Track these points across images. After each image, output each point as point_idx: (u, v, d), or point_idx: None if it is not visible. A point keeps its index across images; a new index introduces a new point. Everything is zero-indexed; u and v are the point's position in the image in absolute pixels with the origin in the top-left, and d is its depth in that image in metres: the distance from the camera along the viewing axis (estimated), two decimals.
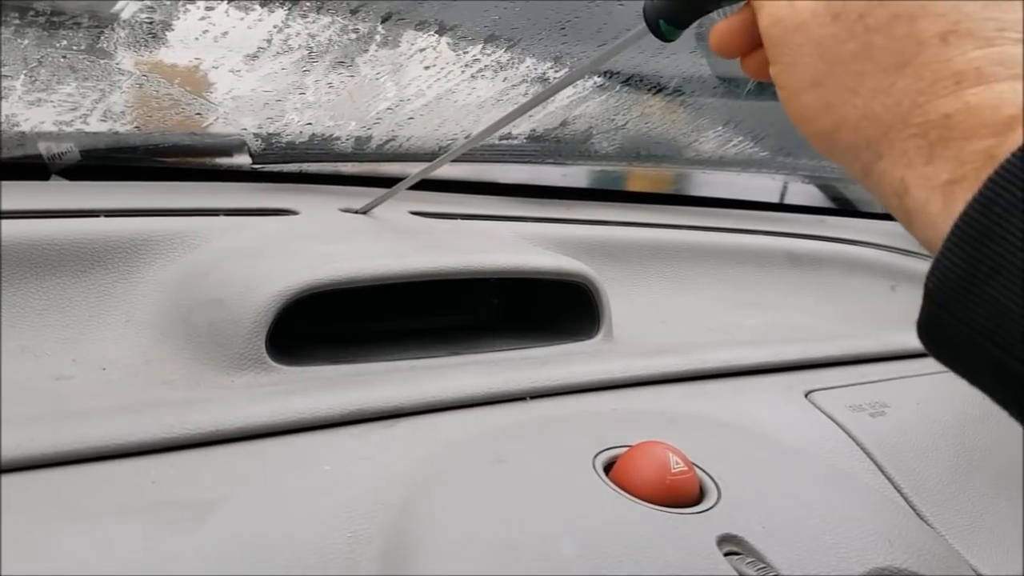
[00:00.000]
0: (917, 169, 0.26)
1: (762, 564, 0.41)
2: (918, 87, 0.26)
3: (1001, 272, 0.23)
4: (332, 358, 0.55)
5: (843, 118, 0.28)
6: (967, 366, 0.26)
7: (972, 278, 0.24)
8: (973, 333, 0.24)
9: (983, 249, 0.23)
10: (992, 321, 0.23)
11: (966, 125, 0.25)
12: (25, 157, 0.67)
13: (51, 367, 0.50)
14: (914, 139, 0.26)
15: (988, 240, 0.23)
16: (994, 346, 0.24)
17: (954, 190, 0.25)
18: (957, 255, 0.24)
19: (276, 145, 0.78)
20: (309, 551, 0.38)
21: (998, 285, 0.23)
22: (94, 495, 0.39)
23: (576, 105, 0.89)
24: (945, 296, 0.25)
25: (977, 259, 0.24)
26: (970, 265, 0.24)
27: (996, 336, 0.24)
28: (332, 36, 0.74)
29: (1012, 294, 0.23)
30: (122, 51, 0.68)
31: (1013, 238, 0.23)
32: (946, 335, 0.25)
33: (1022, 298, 0.23)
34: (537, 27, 0.81)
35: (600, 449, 0.47)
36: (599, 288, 0.64)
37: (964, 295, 0.24)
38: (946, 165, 0.25)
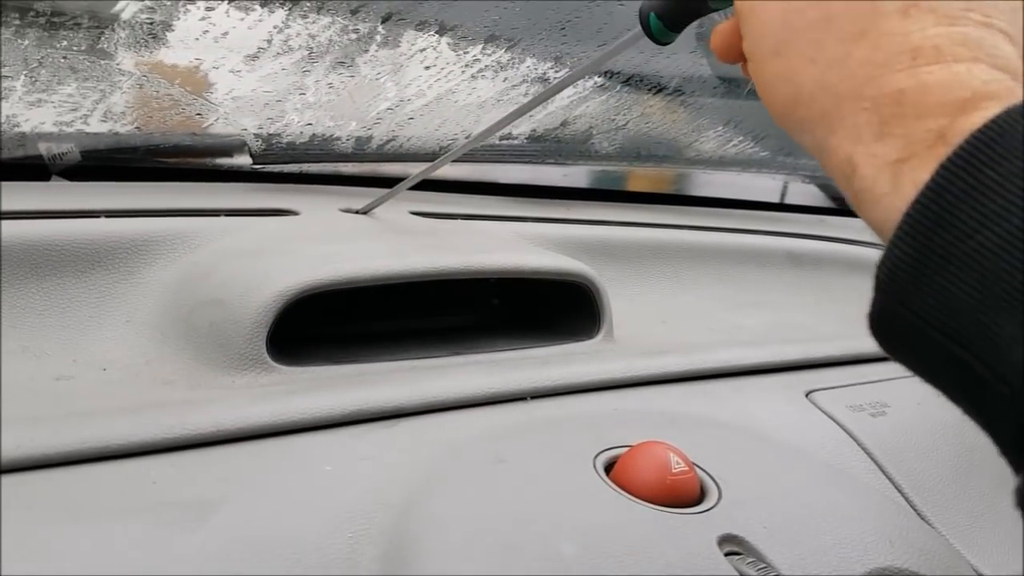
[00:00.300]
0: (867, 146, 0.25)
1: (763, 564, 0.41)
2: (874, 59, 0.26)
3: (952, 262, 0.23)
4: (333, 358, 0.55)
5: (800, 89, 0.27)
6: (919, 359, 0.25)
7: (923, 268, 0.23)
8: (925, 325, 0.24)
9: (934, 238, 0.23)
10: (943, 312, 0.23)
11: (919, 103, 0.25)
12: (26, 158, 0.67)
13: (52, 367, 0.50)
14: (866, 113, 0.26)
15: (939, 229, 0.23)
16: (946, 338, 0.23)
17: (902, 169, 0.24)
18: (908, 244, 0.24)
19: (276, 145, 0.78)
20: (310, 551, 0.38)
21: (949, 275, 0.23)
22: (95, 495, 0.39)
23: (576, 105, 0.89)
24: (896, 287, 0.24)
25: (929, 248, 0.23)
26: (921, 255, 0.23)
27: (947, 328, 0.23)
28: (332, 36, 0.74)
29: (964, 284, 0.22)
30: (122, 52, 0.68)
31: (964, 226, 0.22)
32: (898, 327, 0.25)
33: (973, 288, 0.22)
34: (537, 27, 0.81)
35: (601, 449, 0.47)
36: (600, 288, 0.64)
37: (915, 286, 0.24)
38: (896, 143, 0.25)
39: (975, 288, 0.22)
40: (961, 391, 0.24)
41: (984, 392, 0.23)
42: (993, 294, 0.22)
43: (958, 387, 0.24)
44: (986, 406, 0.23)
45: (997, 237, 0.22)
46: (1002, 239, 0.22)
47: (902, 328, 0.24)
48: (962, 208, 0.23)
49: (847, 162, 0.26)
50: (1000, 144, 0.23)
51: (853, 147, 0.26)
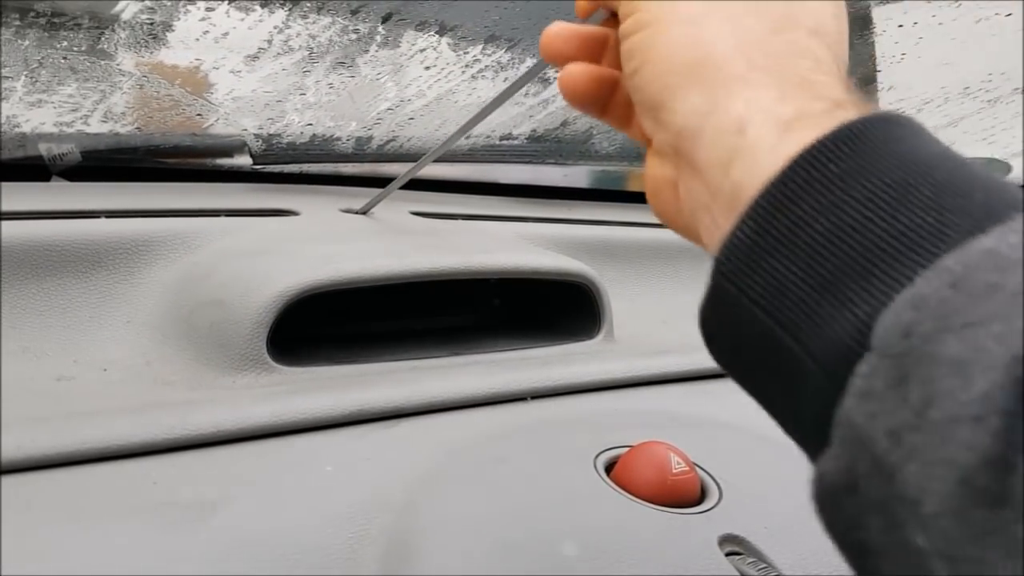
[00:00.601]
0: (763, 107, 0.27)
1: (763, 564, 0.41)
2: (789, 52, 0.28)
3: (786, 245, 0.24)
4: (333, 358, 0.55)
5: (710, 55, 0.28)
6: (738, 345, 0.27)
7: (759, 250, 0.25)
8: (752, 304, 0.25)
9: (773, 223, 0.24)
10: (770, 292, 0.24)
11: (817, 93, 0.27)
12: (26, 158, 0.67)
13: (52, 368, 0.50)
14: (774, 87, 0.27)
15: (779, 215, 0.24)
16: (769, 317, 0.24)
17: (791, 126, 0.26)
18: (749, 227, 0.25)
19: (277, 146, 0.78)
20: (310, 551, 0.38)
21: (781, 258, 0.24)
22: (95, 496, 0.39)
23: None
24: (731, 266, 0.25)
25: (766, 232, 0.25)
26: (759, 237, 0.25)
27: (771, 307, 0.24)
28: (333, 37, 0.74)
29: (793, 267, 0.24)
30: (123, 52, 0.68)
31: (802, 214, 0.24)
32: (725, 308, 0.26)
33: (801, 271, 0.24)
34: (537, 27, 0.80)
35: (601, 449, 0.47)
36: (600, 288, 0.64)
37: (749, 266, 0.25)
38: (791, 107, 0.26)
39: (803, 271, 0.24)
40: (772, 376, 0.26)
41: (794, 373, 0.24)
42: (818, 277, 0.23)
43: (770, 371, 0.26)
44: (794, 389, 0.25)
45: (830, 225, 0.23)
46: (834, 226, 0.23)
47: (728, 309, 0.26)
48: (802, 197, 0.24)
49: (738, 120, 0.27)
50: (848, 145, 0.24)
51: (748, 107, 0.27)
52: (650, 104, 0.30)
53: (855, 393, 0.22)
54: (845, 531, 0.23)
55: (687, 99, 0.29)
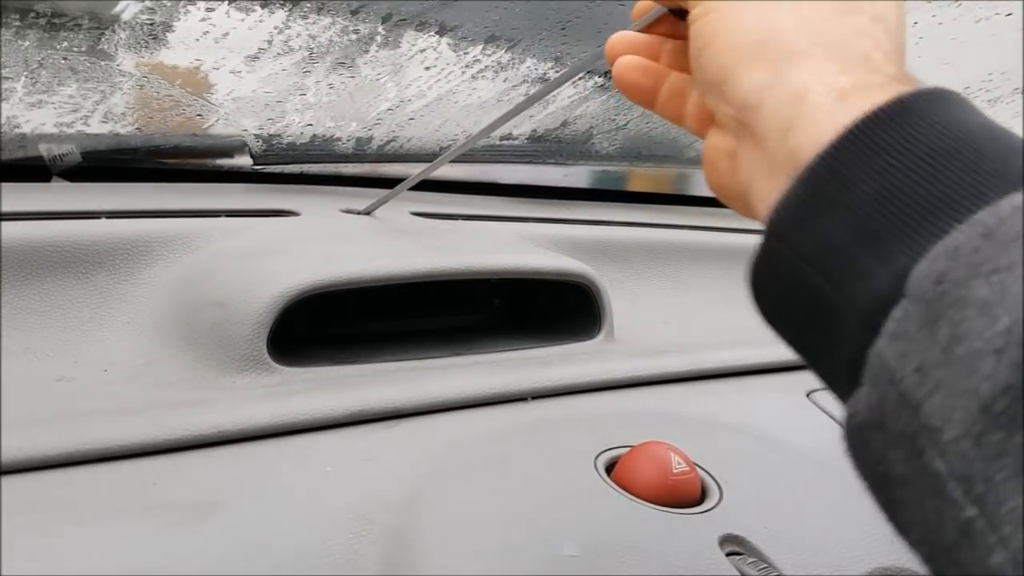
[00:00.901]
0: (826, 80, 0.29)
1: (764, 564, 0.41)
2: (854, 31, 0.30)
3: (836, 207, 0.26)
4: (334, 359, 0.55)
5: (776, 32, 0.30)
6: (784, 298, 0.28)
7: (809, 210, 0.27)
8: (799, 260, 0.27)
9: (824, 186, 0.26)
10: (818, 249, 0.26)
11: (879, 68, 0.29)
12: (26, 159, 0.67)
13: (53, 368, 0.50)
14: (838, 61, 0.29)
15: (831, 179, 0.26)
16: (815, 271, 0.26)
17: (849, 95, 0.28)
18: (802, 188, 0.27)
19: (277, 146, 0.78)
20: (311, 552, 0.38)
21: (829, 218, 0.26)
22: (96, 497, 0.39)
23: (577, 105, 0.89)
24: (781, 226, 0.27)
25: (817, 194, 0.27)
26: (810, 198, 0.27)
27: (818, 262, 0.26)
28: (333, 37, 0.74)
29: (841, 226, 0.26)
30: (123, 52, 0.68)
31: (852, 176, 0.26)
32: (772, 265, 0.28)
33: (848, 229, 0.25)
34: (537, 27, 0.81)
35: (602, 449, 0.47)
36: (600, 288, 0.64)
37: (798, 225, 0.27)
38: (851, 79, 0.28)
39: (851, 230, 0.25)
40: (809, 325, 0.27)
41: (834, 323, 0.26)
42: (863, 234, 0.25)
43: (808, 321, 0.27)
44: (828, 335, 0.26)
45: (878, 187, 0.25)
46: (882, 188, 0.25)
47: (776, 266, 0.28)
48: (854, 162, 0.26)
49: (800, 91, 0.29)
50: (899, 116, 0.26)
51: (811, 79, 0.29)
52: (716, 79, 0.32)
53: (888, 335, 0.23)
54: (872, 465, 0.25)
55: (751, 73, 0.30)
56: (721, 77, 0.32)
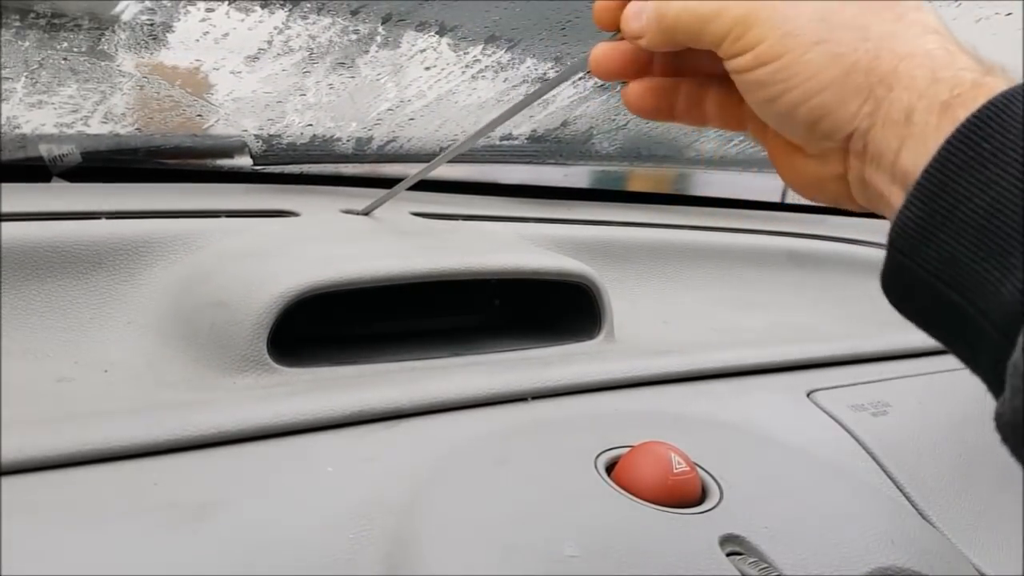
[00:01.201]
0: (922, 92, 0.30)
1: (764, 564, 0.41)
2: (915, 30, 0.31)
3: (953, 221, 0.27)
4: (334, 359, 0.55)
5: (854, 63, 0.31)
6: (921, 307, 0.30)
7: (928, 226, 0.28)
8: (927, 275, 0.28)
9: (938, 201, 0.27)
10: (944, 263, 0.28)
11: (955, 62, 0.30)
12: (26, 159, 0.67)
13: (53, 369, 0.50)
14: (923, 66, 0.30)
15: (943, 194, 0.27)
16: (945, 285, 0.28)
17: (948, 106, 0.29)
18: (916, 207, 0.28)
19: (277, 146, 0.78)
20: (312, 552, 0.38)
21: (950, 232, 0.27)
22: (96, 497, 0.39)
23: (577, 105, 0.89)
24: (904, 242, 0.29)
25: (933, 210, 0.28)
26: (927, 215, 0.28)
27: (946, 276, 0.28)
28: (333, 37, 0.74)
29: (962, 240, 0.27)
30: (123, 53, 0.68)
31: (964, 191, 0.27)
32: (904, 279, 0.29)
33: (970, 243, 0.27)
34: (537, 27, 0.80)
35: (602, 449, 0.47)
36: (600, 288, 0.64)
37: (921, 241, 0.28)
38: (945, 86, 0.29)
39: (971, 243, 0.27)
40: (953, 333, 0.29)
41: (972, 331, 0.27)
42: (985, 248, 0.26)
43: (951, 329, 0.29)
44: (972, 343, 0.28)
45: (992, 200, 0.26)
46: (995, 201, 0.26)
47: (908, 280, 0.29)
48: (963, 176, 0.27)
49: (905, 110, 0.30)
50: (996, 121, 0.27)
51: (911, 96, 0.30)
52: (807, 120, 0.33)
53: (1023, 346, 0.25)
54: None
55: (848, 106, 0.31)
56: (814, 117, 0.32)
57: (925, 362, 0.70)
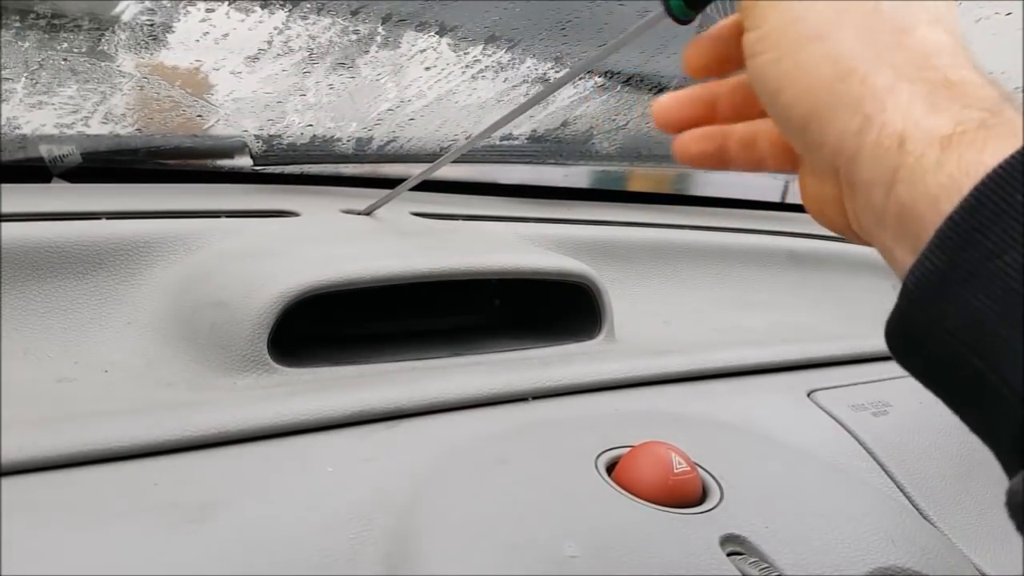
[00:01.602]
0: (918, 120, 0.27)
1: (765, 564, 0.41)
2: (924, 50, 0.28)
3: (978, 277, 0.24)
4: (334, 359, 0.55)
5: (851, 69, 0.28)
6: (930, 365, 0.27)
7: (950, 281, 0.25)
8: (944, 333, 0.25)
9: (962, 254, 0.25)
10: (964, 323, 0.25)
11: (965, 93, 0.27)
12: (27, 160, 0.67)
13: (53, 369, 0.50)
14: (922, 92, 0.27)
15: (968, 246, 0.24)
16: (964, 347, 0.25)
17: (950, 143, 0.26)
18: (938, 257, 0.25)
19: (277, 147, 0.78)
20: (312, 552, 0.38)
21: (973, 290, 0.24)
22: (96, 497, 0.39)
23: (577, 105, 0.89)
24: (922, 294, 0.26)
25: (956, 264, 0.25)
26: (949, 268, 0.25)
27: (967, 337, 0.25)
28: (333, 37, 0.74)
29: (986, 299, 0.24)
30: (123, 53, 0.68)
31: (991, 245, 0.24)
32: (916, 333, 0.26)
33: (995, 303, 0.24)
34: (538, 27, 0.81)
35: (602, 449, 0.47)
36: (601, 288, 0.64)
37: (941, 296, 0.25)
38: (947, 118, 0.27)
39: (996, 303, 0.24)
40: (968, 398, 0.26)
41: (991, 399, 0.25)
42: (1013, 310, 0.24)
43: (965, 395, 0.26)
44: (991, 412, 0.25)
45: (1021, 258, 0.23)
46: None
47: (920, 334, 0.26)
48: (991, 229, 0.24)
49: (896, 136, 0.27)
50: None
51: (904, 121, 0.27)
52: (797, 127, 0.30)
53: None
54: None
55: (838, 119, 0.29)
56: (803, 125, 0.30)
57: None
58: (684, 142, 0.38)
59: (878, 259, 0.30)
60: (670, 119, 0.38)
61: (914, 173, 0.26)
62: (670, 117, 0.38)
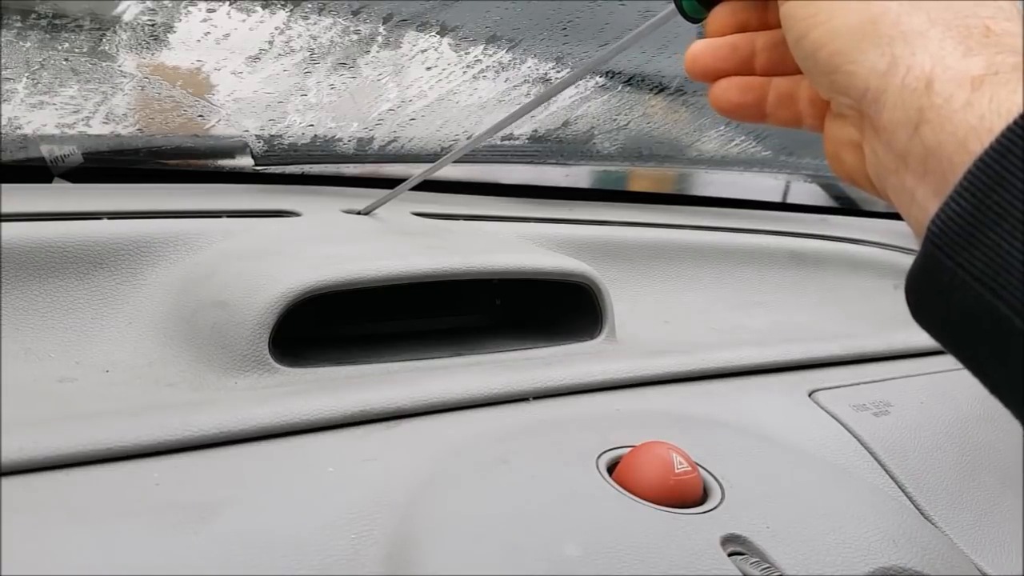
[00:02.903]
0: (949, 64, 0.26)
1: (766, 564, 0.41)
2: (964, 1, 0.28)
3: (1008, 219, 0.23)
4: (335, 359, 0.55)
5: (884, 10, 0.28)
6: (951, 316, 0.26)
7: (978, 223, 0.24)
8: (970, 279, 0.24)
9: (992, 195, 0.24)
10: (992, 267, 0.24)
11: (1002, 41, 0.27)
12: (28, 160, 0.67)
13: (54, 369, 0.50)
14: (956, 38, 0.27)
15: (998, 187, 0.24)
16: (990, 292, 0.24)
17: (982, 83, 0.25)
18: (966, 199, 0.24)
19: (278, 147, 0.78)
20: (313, 552, 0.38)
21: (1003, 232, 0.23)
22: (98, 497, 0.39)
23: (578, 105, 0.89)
24: (946, 239, 0.25)
25: (985, 205, 0.24)
26: (978, 211, 0.24)
27: (993, 282, 0.24)
28: (334, 37, 0.74)
29: (1017, 242, 0.23)
30: (124, 54, 0.68)
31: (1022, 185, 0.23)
32: (940, 280, 0.25)
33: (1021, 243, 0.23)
34: (539, 28, 0.81)
35: (603, 449, 0.47)
36: (602, 288, 0.64)
37: (967, 239, 0.24)
38: (979, 62, 0.26)
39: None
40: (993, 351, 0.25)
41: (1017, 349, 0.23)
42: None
43: (990, 347, 0.25)
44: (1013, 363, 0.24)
45: None
46: None
47: (944, 283, 0.25)
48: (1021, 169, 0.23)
49: (924, 78, 0.27)
50: None
51: (934, 64, 0.27)
52: (824, 68, 0.30)
53: None
54: None
55: (865, 59, 0.28)
56: (832, 65, 0.29)
57: (927, 362, 0.70)
58: (723, 90, 0.36)
59: (880, 259, 0.29)
60: (704, 66, 0.36)
61: (941, 113, 0.26)
62: (704, 64, 0.36)
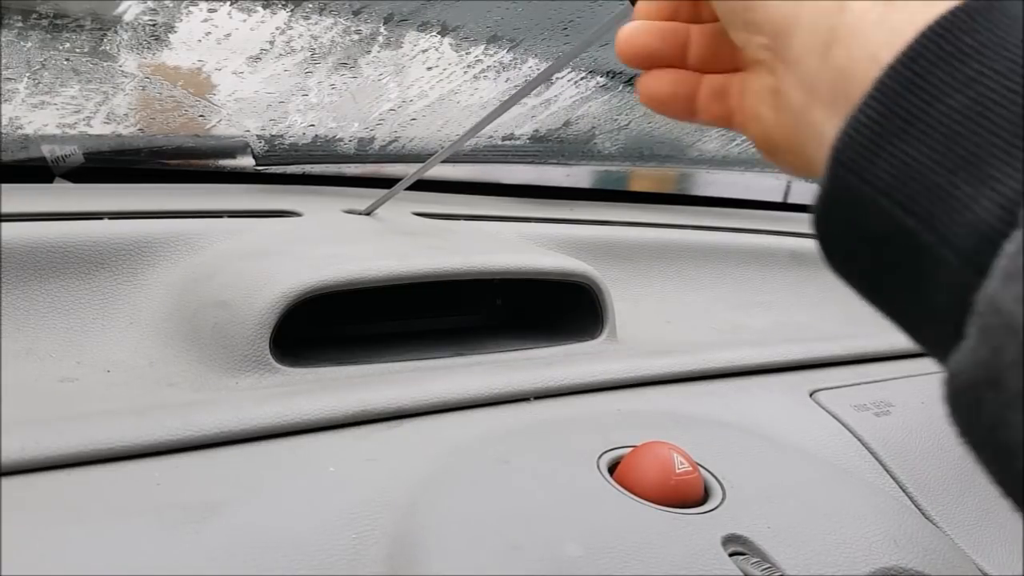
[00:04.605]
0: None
1: (767, 564, 0.41)
2: None
3: (916, 125, 0.22)
4: (336, 359, 0.55)
5: None
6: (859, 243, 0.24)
7: (885, 132, 0.22)
8: (875, 193, 0.22)
9: (901, 101, 0.22)
10: (897, 177, 0.22)
11: None
12: (29, 160, 0.67)
13: (55, 369, 0.50)
14: None
15: (908, 93, 0.22)
16: (895, 205, 0.22)
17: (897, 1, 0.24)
18: (873, 108, 0.23)
19: (279, 147, 0.78)
20: (314, 552, 0.38)
21: (911, 139, 0.22)
22: (99, 497, 0.39)
23: (579, 105, 0.89)
24: (853, 153, 0.23)
25: (894, 112, 0.22)
26: (885, 118, 0.22)
27: (899, 193, 0.22)
28: (335, 37, 0.74)
29: (924, 147, 0.22)
30: (125, 54, 0.68)
31: (934, 90, 0.22)
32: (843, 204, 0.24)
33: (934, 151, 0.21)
34: (539, 27, 0.81)
35: (604, 450, 0.47)
36: (603, 288, 0.64)
37: (873, 150, 0.22)
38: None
39: (935, 151, 0.21)
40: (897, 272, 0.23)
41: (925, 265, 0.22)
42: (953, 155, 0.21)
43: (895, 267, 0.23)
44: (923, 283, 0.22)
45: (968, 100, 0.21)
46: (972, 101, 0.21)
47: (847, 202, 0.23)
48: (935, 72, 0.22)
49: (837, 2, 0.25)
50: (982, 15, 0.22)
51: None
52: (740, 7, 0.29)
53: (1001, 275, 0.19)
54: (986, 433, 0.21)
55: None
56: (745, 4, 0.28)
57: (928, 362, 0.69)
58: (653, 79, 0.34)
59: None
60: (637, 48, 0.34)
61: (853, 32, 0.24)
62: (638, 45, 0.34)
